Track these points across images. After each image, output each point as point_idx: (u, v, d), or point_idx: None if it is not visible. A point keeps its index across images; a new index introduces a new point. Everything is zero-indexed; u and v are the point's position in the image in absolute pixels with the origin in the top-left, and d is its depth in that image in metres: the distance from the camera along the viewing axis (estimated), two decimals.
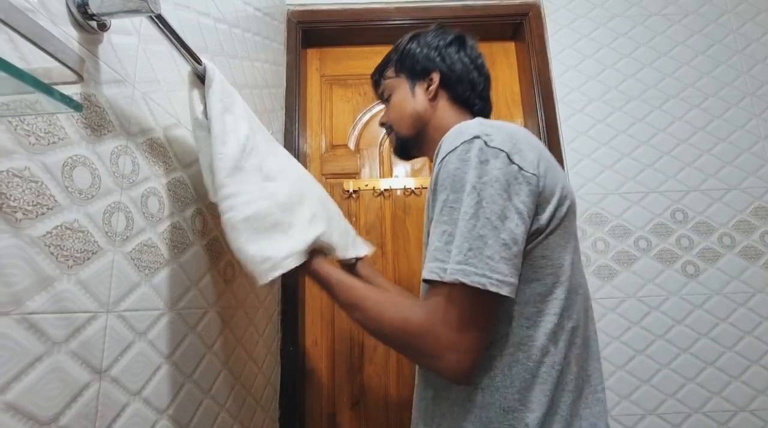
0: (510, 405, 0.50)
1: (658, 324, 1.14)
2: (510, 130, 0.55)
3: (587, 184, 1.25)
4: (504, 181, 0.50)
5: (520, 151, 0.52)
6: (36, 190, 0.42)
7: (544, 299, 0.52)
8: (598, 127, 1.29)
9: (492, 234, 0.48)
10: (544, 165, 0.54)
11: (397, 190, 1.41)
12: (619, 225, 1.22)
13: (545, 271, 0.52)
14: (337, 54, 1.53)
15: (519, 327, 0.51)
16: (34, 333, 0.40)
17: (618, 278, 1.18)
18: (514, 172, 0.51)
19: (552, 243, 0.53)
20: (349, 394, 1.36)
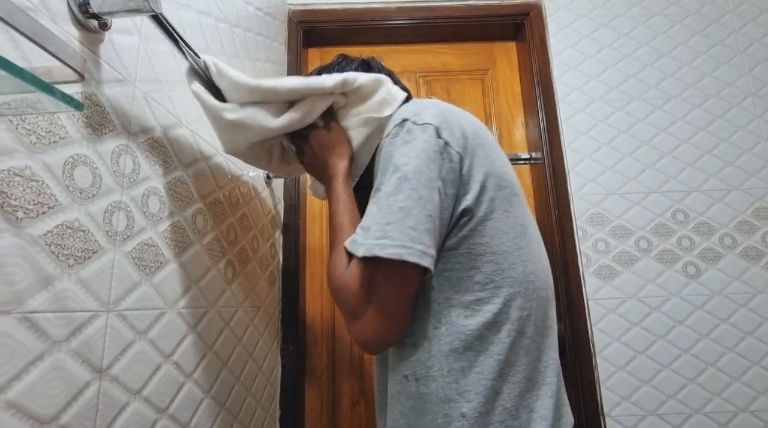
0: (446, 394, 0.49)
1: (659, 324, 1.14)
2: (445, 107, 0.57)
3: (588, 184, 1.25)
4: (431, 153, 0.51)
5: (449, 127, 0.53)
6: (37, 189, 0.42)
7: (484, 287, 0.51)
8: (599, 127, 1.29)
9: (416, 205, 0.48)
10: (476, 142, 0.54)
11: None
12: (620, 225, 1.21)
13: (484, 259, 0.51)
14: (337, 53, 1.53)
15: (458, 316, 0.50)
16: (35, 332, 0.40)
17: (618, 278, 1.18)
18: (440, 146, 0.51)
19: (490, 229, 0.52)
20: (350, 394, 1.36)
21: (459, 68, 1.49)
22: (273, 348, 1.08)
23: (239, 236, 0.88)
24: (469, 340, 0.49)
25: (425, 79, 1.48)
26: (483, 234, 0.52)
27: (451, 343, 0.50)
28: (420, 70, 1.49)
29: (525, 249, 0.54)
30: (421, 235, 0.47)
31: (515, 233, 0.53)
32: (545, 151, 1.28)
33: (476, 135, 0.55)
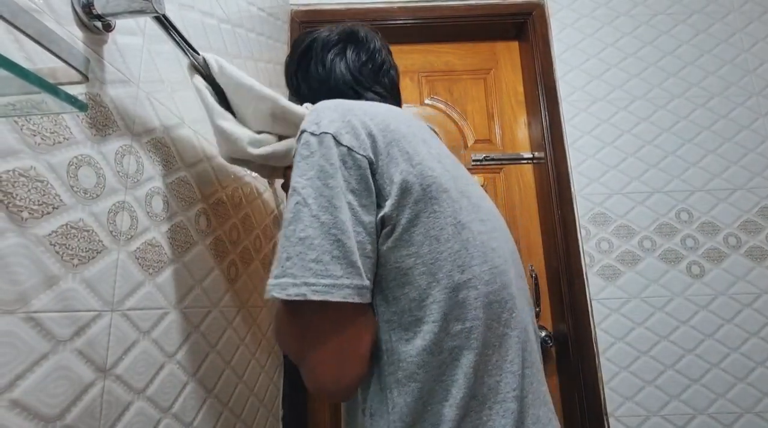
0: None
1: (663, 324, 1.13)
2: (348, 107, 0.49)
3: (592, 184, 1.24)
4: (329, 168, 0.44)
5: (352, 130, 0.46)
6: (41, 190, 0.42)
7: (420, 304, 0.44)
8: (602, 126, 1.29)
9: (318, 233, 0.41)
10: (387, 139, 0.47)
11: None
12: (623, 225, 1.21)
13: (415, 271, 0.44)
14: None
15: (398, 341, 0.44)
16: (40, 331, 0.41)
17: (622, 278, 1.17)
18: (342, 154, 0.45)
19: (417, 237, 0.45)
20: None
21: (461, 68, 1.49)
22: (276, 348, 1.08)
23: (242, 236, 0.88)
24: (411, 368, 0.43)
25: (428, 79, 1.48)
26: (410, 244, 0.45)
27: (394, 374, 0.44)
28: (422, 70, 1.49)
29: (462, 251, 0.46)
30: (327, 267, 0.40)
31: (448, 235, 0.46)
32: (548, 151, 1.28)
33: (387, 130, 0.48)
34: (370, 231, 0.44)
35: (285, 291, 0.40)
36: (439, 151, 0.52)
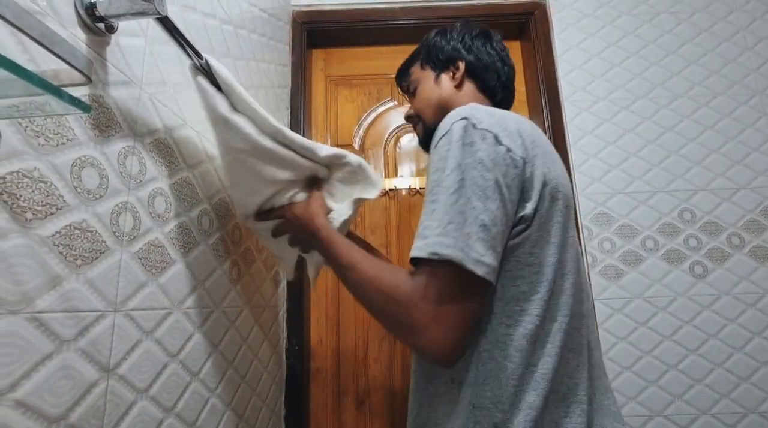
0: (480, 402, 0.49)
1: (666, 325, 1.13)
2: (502, 115, 0.55)
3: (594, 184, 1.24)
4: (489, 162, 0.49)
5: (509, 135, 0.52)
6: (45, 191, 0.42)
7: (528, 298, 0.50)
8: (604, 126, 1.29)
9: (471, 214, 0.47)
10: (535, 151, 0.53)
11: (402, 190, 1.41)
12: (625, 224, 1.21)
13: (531, 269, 0.51)
14: (341, 54, 1.54)
15: (499, 324, 0.50)
16: (44, 331, 0.41)
17: (625, 278, 1.17)
18: (501, 153, 0.50)
19: (540, 240, 0.51)
20: (354, 393, 1.36)
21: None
22: (278, 348, 1.09)
23: (244, 236, 0.89)
24: (509, 351, 0.49)
25: None
26: (534, 244, 0.51)
27: (490, 351, 0.50)
28: None
29: (568, 262, 0.53)
30: (475, 244, 0.46)
31: (562, 245, 0.53)
32: None
33: (534, 144, 0.54)
34: (505, 221, 0.50)
35: (446, 250, 0.46)
36: (564, 171, 0.59)
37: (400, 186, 1.40)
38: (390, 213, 1.41)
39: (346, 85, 1.53)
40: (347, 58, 1.54)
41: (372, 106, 1.51)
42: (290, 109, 1.31)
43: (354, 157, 0.75)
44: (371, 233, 1.41)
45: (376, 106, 1.50)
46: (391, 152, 1.46)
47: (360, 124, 1.51)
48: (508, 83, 0.74)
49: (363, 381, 1.35)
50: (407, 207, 1.41)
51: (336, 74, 1.53)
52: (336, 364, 1.32)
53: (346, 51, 1.54)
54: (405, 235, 1.39)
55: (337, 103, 1.53)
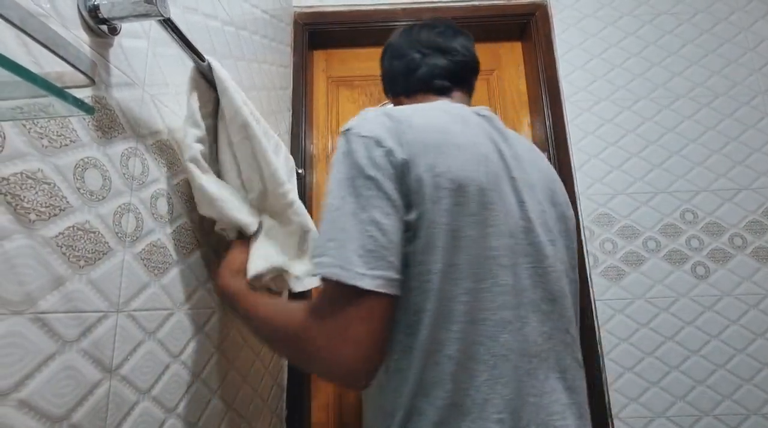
0: (388, 407, 0.50)
1: (668, 325, 1.13)
2: (391, 113, 0.53)
3: (595, 185, 1.24)
4: (371, 169, 0.47)
5: (395, 134, 0.50)
6: (49, 192, 0.42)
7: (422, 308, 0.48)
8: (605, 126, 1.29)
9: (355, 227, 0.45)
10: (424, 146, 0.49)
11: None
12: (627, 225, 1.21)
13: (421, 278, 0.48)
14: (343, 55, 1.54)
15: (403, 334, 0.49)
16: (47, 332, 0.41)
17: (626, 279, 1.17)
18: (381, 156, 0.48)
19: (425, 245, 0.48)
20: (357, 394, 1.36)
21: None
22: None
23: None
24: (412, 360, 0.48)
25: None
26: (422, 251, 0.48)
27: (398, 361, 0.49)
28: None
29: (461, 266, 0.48)
30: (359, 258, 0.44)
31: (451, 249, 0.47)
32: (551, 151, 1.28)
33: (427, 138, 0.50)
34: (393, 229, 0.47)
35: (325, 270, 0.45)
36: (474, 158, 0.51)
37: None
38: None
39: (347, 86, 1.54)
40: (348, 59, 1.55)
41: (373, 106, 1.53)
42: (291, 111, 1.31)
43: (313, 235, 0.75)
44: None
45: (379, 106, 1.52)
46: None
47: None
48: (434, 72, 0.68)
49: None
50: None
51: (337, 75, 1.54)
52: None
53: (348, 52, 1.54)
54: None
55: (339, 104, 1.54)
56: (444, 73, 0.68)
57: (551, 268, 0.53)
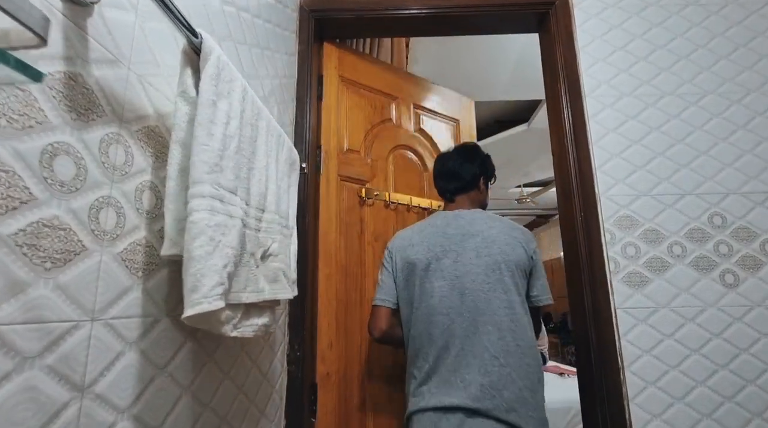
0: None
1: (694, 337, 1.05)
2: (408, 231, 1.17)
3: (617, 185, 1.16)
4: (386, 259, 1.16)
5: (394, 243, 1.16)
6: (6, 181, 0.36)
7: (406, 324, 1.09)
8: (629, 123, 1.21)
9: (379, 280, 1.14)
10: (399, 248, 1.13)
11: (400, 205, 1.52)
12: (651, 229, 1.13)
13: (402, 311, 1.10)
14: (355, 61, 1.53)
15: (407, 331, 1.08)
16: (1, 347, 0.35)
17: (649, 286, 1.09)
18: (386, 254, 1.16)
19: (401, 298, 1.11)
20: (360, 396, 1.30)
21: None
22: (279, 355, 1.02)
23: None
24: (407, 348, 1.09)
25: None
26: (402, 301, 1.12)
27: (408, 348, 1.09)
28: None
29: (416, 296, 1.07)
30: (377, 293, 1.13)
31: (408, 287, 1.09)
32: (571, 149, 1.20)
33: (402, 243, 1.14)
34: (387, 280, 1.13)
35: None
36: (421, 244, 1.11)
37: (400, 200, 1.52)
38: (390, 223, 1.50)
39: (356, 92, 1.54)
40: (360, 67, 1.54)
41: (377, 120, 1.56)
42: (296, 100, 1.24)
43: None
44: (374, 240, 1.45)
45: (380, 121, 1.57)
46: (390, 168, 1.56)
47: (367, 133, 1.54)
48: (436, 183, 1.23)
49: (366, 383, 1.31)
50: (402, 221, 1.51)
51: (348, 77, 1.50)
52: (344, 368, 1.27)
53: (360, 62, 1.55)
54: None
55: (348, 107, 1.49)
56: (444, 191, 1.21)
57: (468, 290, 1.02)
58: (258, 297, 0.65)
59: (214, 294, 0.50)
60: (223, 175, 0.56)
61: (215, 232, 0.52)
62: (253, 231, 0.67)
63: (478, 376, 0.92)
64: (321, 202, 1.32)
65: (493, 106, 3.76)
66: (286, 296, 0.76)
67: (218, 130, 0.55)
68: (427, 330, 1.00)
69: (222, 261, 0.52)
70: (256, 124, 0.70)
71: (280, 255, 0.75)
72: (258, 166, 0.69)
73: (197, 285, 0.48)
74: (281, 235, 0.78)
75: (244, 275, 0.62)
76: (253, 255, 0.66)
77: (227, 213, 0.56)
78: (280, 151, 0.82)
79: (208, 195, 0.52)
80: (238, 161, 0.61)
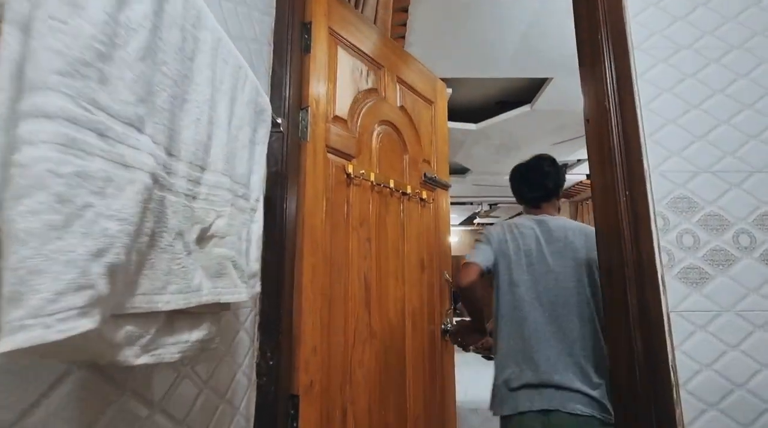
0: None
1: (765, 348, 0.85)
2: (499, 226, 1.41)
3: (671, 158, 0.94)
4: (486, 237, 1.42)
5: (491, 232, 1.41)
6: None
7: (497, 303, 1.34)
8: (687, 82, 0.98)
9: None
10: (499, 239, 1.37)
11: (384, 187, 1.36)
12: (713, 214, 0.91)
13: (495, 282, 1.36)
14: (342, 13, 1.30)
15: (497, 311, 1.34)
16: None
17: (710, 285, 0.88)
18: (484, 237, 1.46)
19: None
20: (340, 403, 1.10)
21: None
22: (245, 366, 0.81)
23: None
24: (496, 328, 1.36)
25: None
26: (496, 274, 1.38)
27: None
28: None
29: (508, 284, 1.32)
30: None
31: (503, 274, 1.34)
32: (613, 113, 0.97)
33: (501, 235, 1.38)
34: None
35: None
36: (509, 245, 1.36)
37: (383, 182, 1.35)
38: (373, 207, 1.31)
39: (346, 50, 1.33)
40: (348, 20, 1.31)
41: (363, 86, 1.34)
42: (273, 44, 0.99)
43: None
44: (359, 225, 1.24)
45: (368, 89, 1.36)
46: (375, 150, 1.37)
47: (355, 101, 1.31)
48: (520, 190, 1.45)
49: (347, 388, 1.11)
50: (385, 205, 1.36)
51: (337, 32, 1.27)
52: (327, 374, 1.06)
53: (348, 15, 1.32)
54: (381, 232, 1.33)
55: (338, 67, 1.26)
56: (529, 199, 1.42)
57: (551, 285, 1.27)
58: (188, 300, 0.43)
59: (63, 308, 0.27)
60: (105, 88, 0.32)
61: (75, 188, 0.29)
62: (182, 199, 0.44)
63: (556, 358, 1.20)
64: (307, 175, 1.09)
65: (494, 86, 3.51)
66: (236, 297, 0.53)
67: (96, 3, 0.32)
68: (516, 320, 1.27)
69: (91, 245, 0.29)
70: (195, 33, 0.46)
71: (230, 238, 0.53)
72: (195, 98, 0.46)
73: (21, 294, 0.25)
74: (234, 209, 0.55)
75: (162, 266, 0.40)
76: (181, 235, 0.43)
77: (116, 158, 0.33)
78: (240, 88, 0.58)
79: (60, 115, 0.29)
80: (147, 76, 0.37)
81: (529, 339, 1.19)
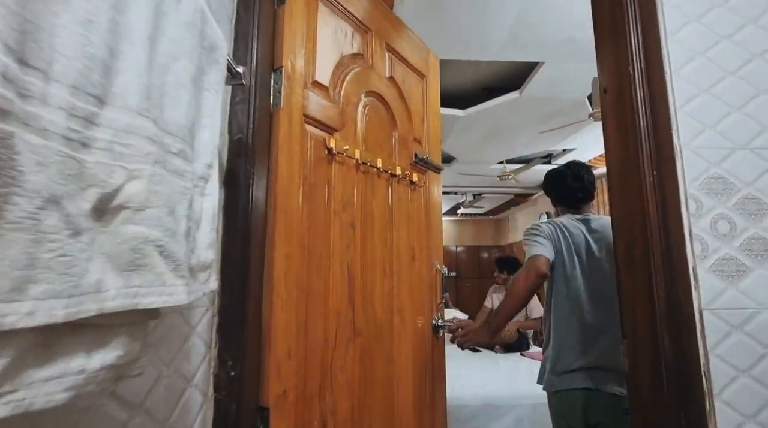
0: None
1: None
2: (551, 224, 1.52)
3: (705, 133, 0.81)
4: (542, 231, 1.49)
5: (545, 227, 1.49)
6: None
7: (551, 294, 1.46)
8: (722, 44, 0.85)
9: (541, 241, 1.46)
10: (548, 234, 1.47)
11: (371, 166, 1.19)
12: (751, 196, 0.79)
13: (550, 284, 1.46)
14: None
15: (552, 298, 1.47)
16: None
17: (748, 278, 0.76)
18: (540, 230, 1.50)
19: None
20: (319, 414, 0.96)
21: None
22: (199, 379, 0.65)
23: None
24: (552, 316, 1.48)
25: None
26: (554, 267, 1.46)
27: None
28: None
29: (562, 277, 1.45)
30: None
31: (559, 268, 1.45)
32: (639, 80, 0.84)
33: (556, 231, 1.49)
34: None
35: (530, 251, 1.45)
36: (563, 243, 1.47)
37: (370, 161, 1.18)
38: (358, 189, 1.14)
39: (327, 6, 1.13)
40: None
41: (348, 51, 1.16)
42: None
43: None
44: (342, 210, 1.08)
45: (352, 54, 1.18)
46: (361, 118, 1.19)
47: (338, 66, 1.12)
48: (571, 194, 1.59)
49: (327, 396, 0.97)
50: (371, 187, 1.19)
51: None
52: (304, 381, 0.91)
53: None
54: (368, 219, 1.17)
55: (318, 25, 1.08)
56: (576, 201, 1.57)
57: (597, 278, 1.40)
58: (76, 307, 0.28)
59: None
60: None
61: None
62: (58, 144, 0.28)
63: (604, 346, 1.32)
64: (280, 148, 0.92)
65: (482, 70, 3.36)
66: (166, 300, 0.37)
67: None
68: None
69: None
70: None
71: (153, 211, 0.37)
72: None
73: None
74: (162, 169, 0.38)
75: (13, 253, 0.24)
76: (56, 202, 0.27)
77: None
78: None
79: None
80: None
81: (583, 330, 1.34)
